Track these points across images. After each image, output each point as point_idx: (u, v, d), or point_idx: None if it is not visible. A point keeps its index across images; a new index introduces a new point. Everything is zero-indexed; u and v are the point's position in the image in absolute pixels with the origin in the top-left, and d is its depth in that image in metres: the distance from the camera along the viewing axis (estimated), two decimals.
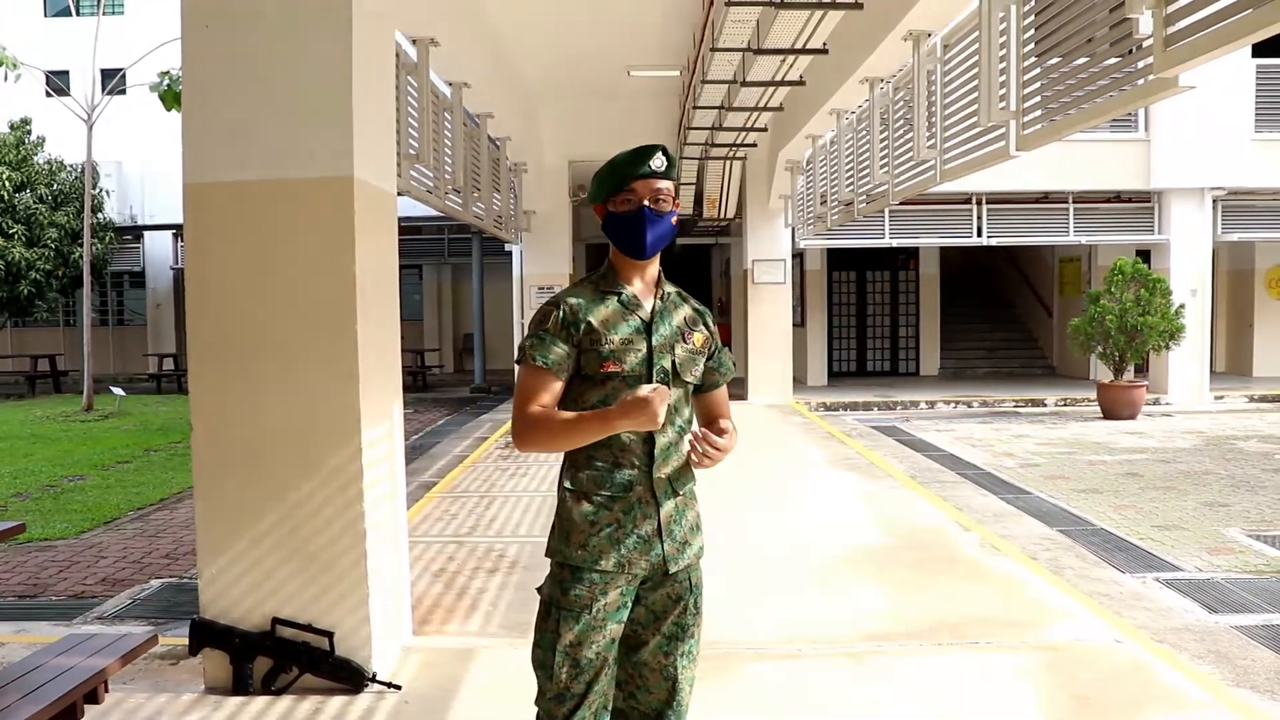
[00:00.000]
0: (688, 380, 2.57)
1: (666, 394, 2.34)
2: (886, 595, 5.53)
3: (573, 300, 2.51)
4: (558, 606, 2.47)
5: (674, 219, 2.54)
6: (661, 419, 2.33)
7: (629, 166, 2.49)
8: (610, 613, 2.46)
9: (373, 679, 4.13)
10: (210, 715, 3.95)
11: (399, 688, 4.16)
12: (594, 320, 2.48)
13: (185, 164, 4.13)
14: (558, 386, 2.47)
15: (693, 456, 2.46)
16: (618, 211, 2.51)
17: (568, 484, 2.53)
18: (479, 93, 10.64)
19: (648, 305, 2.55)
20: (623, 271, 2.57)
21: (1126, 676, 4.28)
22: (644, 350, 2.49)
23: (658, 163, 2.49)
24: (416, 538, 6.88)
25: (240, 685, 4.11)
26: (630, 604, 2.52)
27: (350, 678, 4.11)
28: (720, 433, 2.47)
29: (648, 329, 2.51)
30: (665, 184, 2.51)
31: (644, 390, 2.33)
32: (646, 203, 2.48)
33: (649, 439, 2.48)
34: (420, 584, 5.74)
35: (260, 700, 4.07)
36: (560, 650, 2.44)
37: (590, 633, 2.44)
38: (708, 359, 2.64)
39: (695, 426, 2.59)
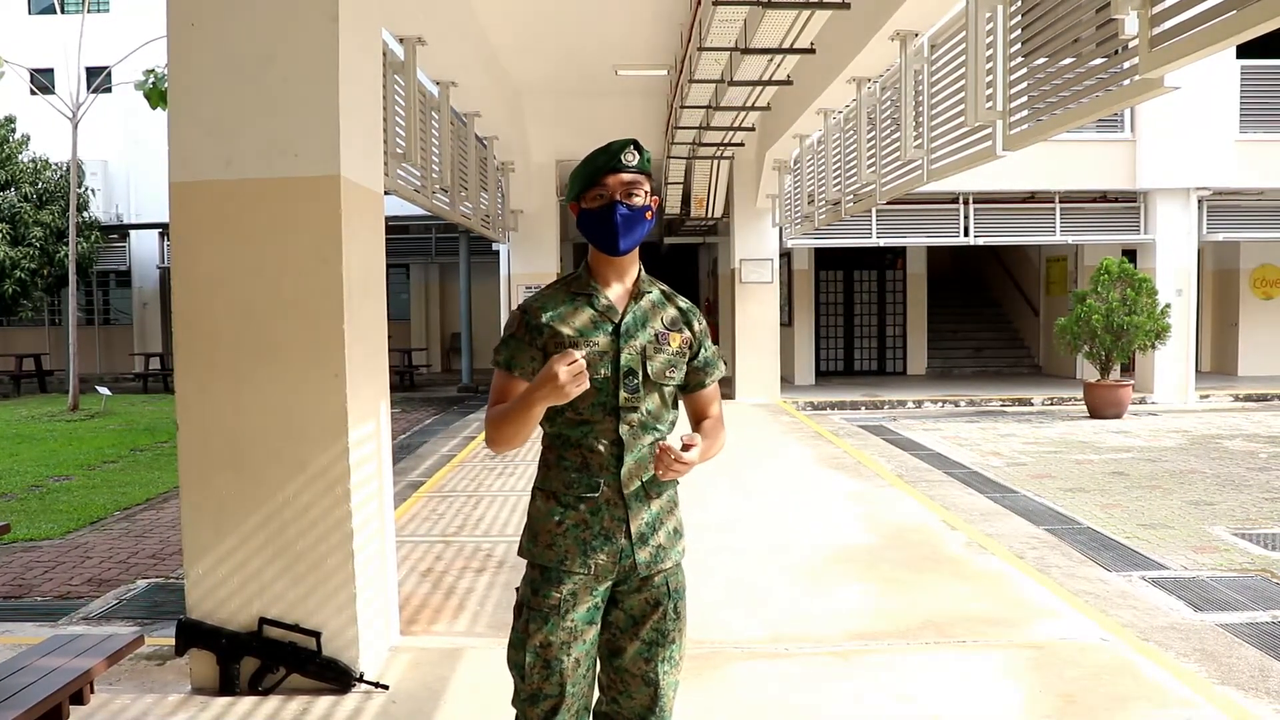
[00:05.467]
0: (663, 384, 2.51)
1: (572, 356, 2.26)
2: (873, 594, 5.54)
3: (539, 305, 2.50)
4: (528, 607, 2.46)
5: (649, 213, 2.50)
6: (570, 389, 2.25)
7: (599, 162, 2.46)
8: (580, 614, 2.44)
9: (360, 679, 4.12)
10: (197, 716, 3.93)
11: (386, 687, 4.15)
12: (560, 324, 2.45)
13: (171, 162, 4.11)
14: (523, 389, 2.44)
15: (657, 469, 2.37)
16: (590, 208, 2.48)
17: (538, 483, 2.54)
18: (466, 92, 10.64)
19: (621, 307, 2.51)
20: (599, 271, 2.53)
21: (1113, 675, 4.30)
22: (610, 352, 2.46)
23: (629, 157, 2.45)
24: (404, 537, 6.87)
25: (227, 685, 4.09)
26: (603, 606, 2.50)
27: (337, 678, 4.10)
28: (686, 447, 2.39)
29: (615, 330, 2.48)
30: (637, 177, 2.47)
31: (554, 360, 2.26)
32: (618, 197, 2.45)
33: (618, 441, 2.45)
34: (408, 584, 5.73)
35: (247, 700, 4.05)
36: (530, 650, 2.43)
37: (559, 633, 2.43)
38: (692, 359, 2.60)
39: (676, 431, 2.57)
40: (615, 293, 2.53)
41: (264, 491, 4.12)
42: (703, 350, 2.62)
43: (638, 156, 2.47)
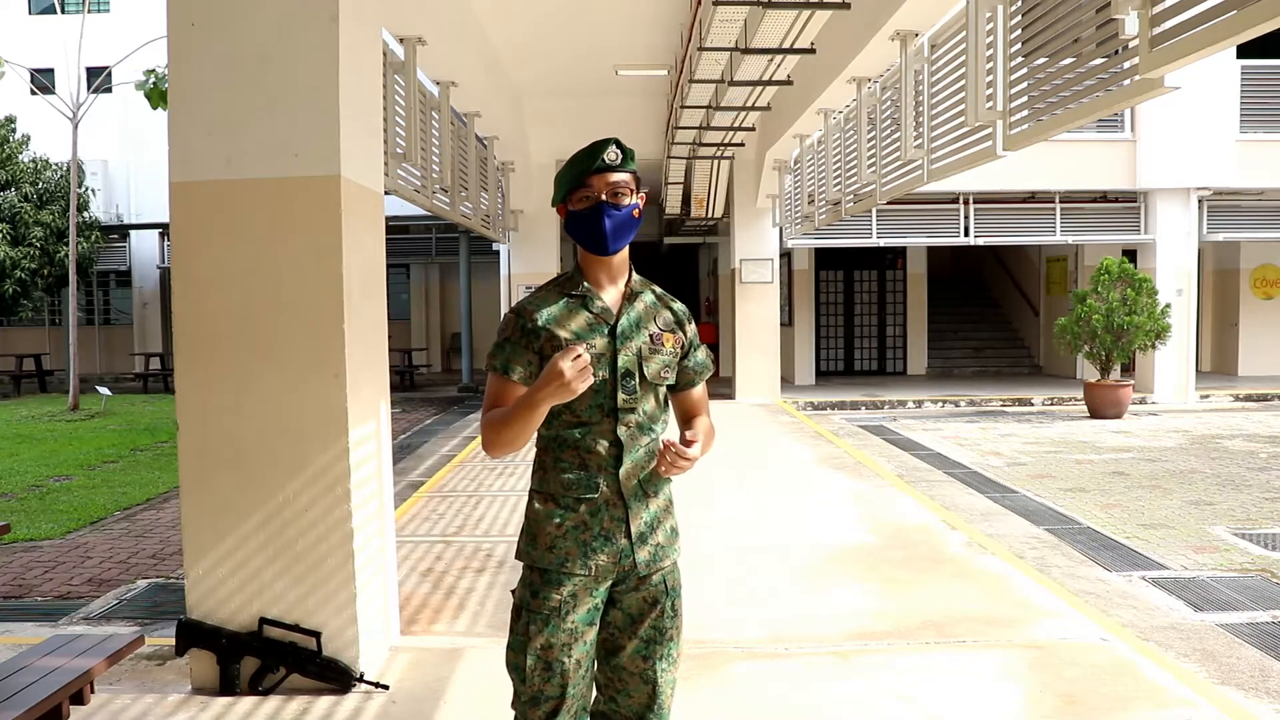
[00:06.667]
0: (659, 385, 2.53)
1: (575, 352, 2.26)
2: (873, 594, 5.54)
3: (533, 307, 2.49)
4: (528, 609, 2.46)
5: (636, 211, 2.49)
6: (577, 385, 2.25)
7: (583, 163, 2.45)
8: (580, 615, 2.45)
9: (360, 679, 4.13)
10: (197, 716, 3.93)
11: (386, 688, 4.15)
12: (555, 325, 2.45)
13: (171, 162, 4.11)
14: (520, 393, 2.43)
15: (660, 466, 2.41)
16: (577, 209, 2.47)
17: (535, 486, 2.53)
18: (466, 92, 10.64)
19: (614, 307, 2.51)
20: (590, 272, 2.53)
21: (1113, 675, 4.30)
22: (607, 354, 2.46)
23: (611, 156, 2.44)
24: (404, 537, 6.87)
25: (227, 686, 4.09)
26: (602, 606, 2.50)
27: (338, 678, 4.10)
28: (688, 443, 2.41)
29: (611, 332, 2.48)
30: (622, 177, 2.46)
31: (558, 357, 2.26)
32: (604, 197, 2.44)
33: (616, 441, 2.46)
34: (408, 584, 5.73)
35: (247, 701, 4.05)
36: (531, 653, 2.43)
37: (560, 635, 2.43)
38: (683, 358, 2.60)
39: (668, 430, 2.57)
40: (609, 294, 2.53)
41: (264, 491, 4.12)
42: (692, 349, 2.63)
43: (620, 155, 2.46)
